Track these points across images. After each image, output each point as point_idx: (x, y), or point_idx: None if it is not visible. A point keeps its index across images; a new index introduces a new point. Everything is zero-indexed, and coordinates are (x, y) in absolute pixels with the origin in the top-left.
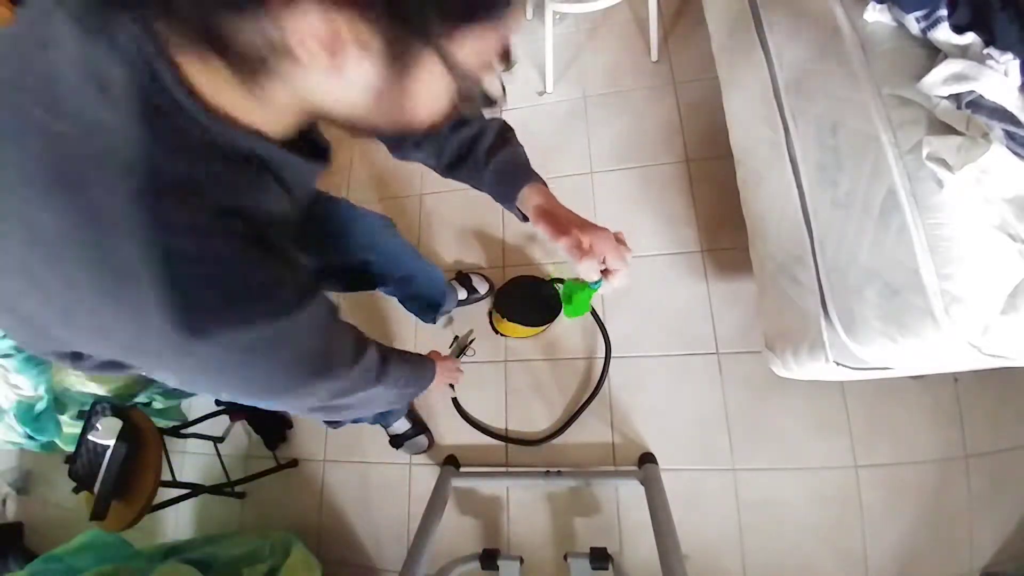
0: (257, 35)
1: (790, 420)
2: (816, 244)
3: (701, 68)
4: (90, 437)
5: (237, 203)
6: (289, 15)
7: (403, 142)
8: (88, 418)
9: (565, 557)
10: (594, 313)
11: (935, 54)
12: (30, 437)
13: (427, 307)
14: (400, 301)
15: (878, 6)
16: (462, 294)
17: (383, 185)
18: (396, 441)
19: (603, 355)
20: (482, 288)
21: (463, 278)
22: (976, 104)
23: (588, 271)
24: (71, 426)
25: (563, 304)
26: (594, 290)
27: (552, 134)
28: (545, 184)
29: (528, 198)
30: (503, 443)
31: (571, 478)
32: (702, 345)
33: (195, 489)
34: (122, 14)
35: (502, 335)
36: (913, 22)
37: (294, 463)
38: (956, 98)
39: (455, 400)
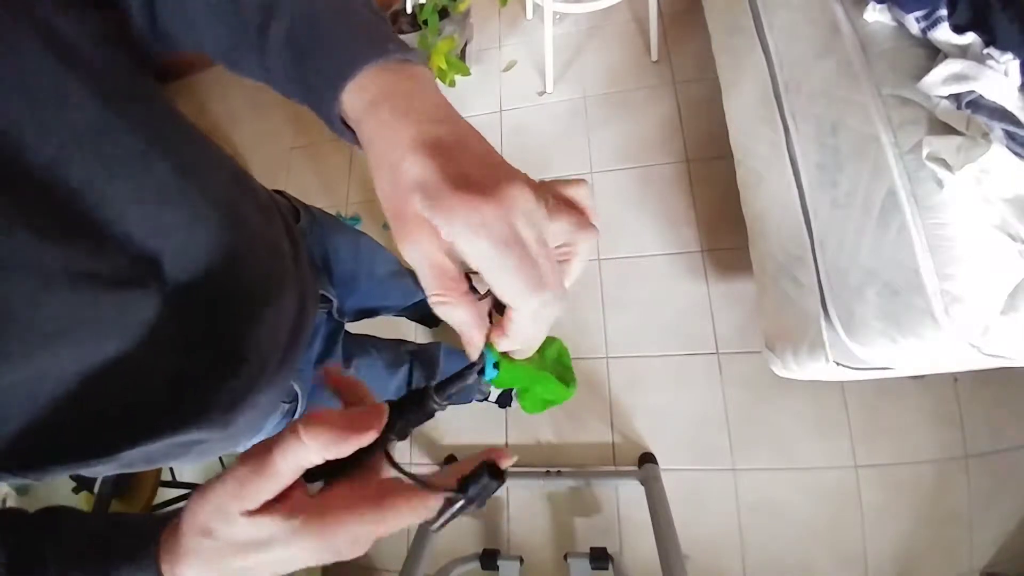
0: None
1: (790, 420)
2: (816, 244)
3: (701, 68)
4: None
5: None
6: None
7: None
8: None
9: (565, 557)
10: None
11: (935, 54)
12: None
13: (425, 317)
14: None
15: (878, 6)
16: None
17: None
18: None
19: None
20: (482, 288)
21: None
22: (976, 104)
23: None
24: None
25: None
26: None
27: (552, 134)
28: (415, 64)
29: (364, 111)
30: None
31: (571, 478)
32: (702, 345)
33: (195, 489)
34: None
35: None
36: (913, 22)
37: None
38: (956, 98)
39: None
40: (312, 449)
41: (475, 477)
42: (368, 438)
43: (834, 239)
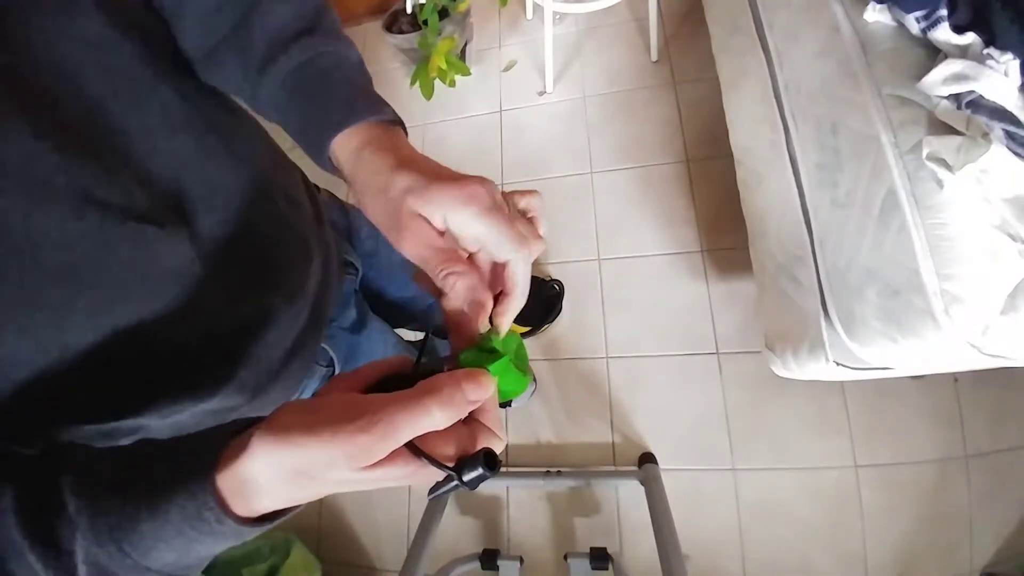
0: None
1: (790, 420)
2: (816, 244)
3: (701, 68)
4: None
5: None
6: None
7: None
8: None
9: (565, 557)
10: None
11: (935, 54)
12: None
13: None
14: None
15: (878, 6)
16: None
17: None
18: None
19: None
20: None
21: None
22: (976, 104)
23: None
24: None
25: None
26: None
27: (552, 134)
28: (396, 124)
29: (353, 156)
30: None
31: (571, 478)
32: (702, 345)
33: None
34: None
35: None
36: (913, 22)
37: None
38: (956, 98)
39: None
40: (438, 424)
41: (472, 462)
42: (475, 406)
43: (834, 239)
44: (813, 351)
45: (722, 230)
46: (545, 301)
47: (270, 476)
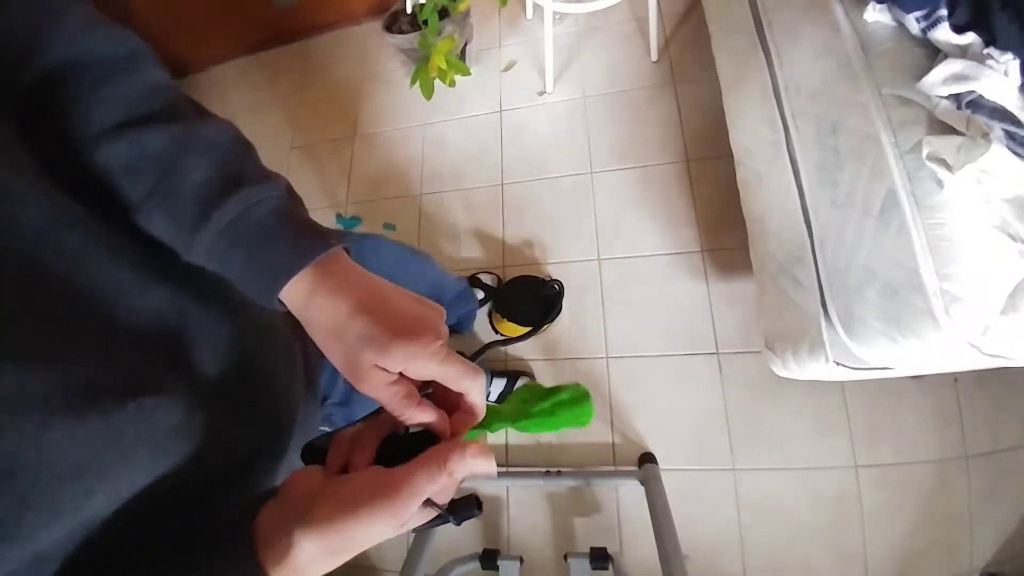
0: None
1: (790, 420)
2: (816, 244)
3: (701, 68)
4: None
5: None
6: None
7: None
8: None
9: (565, 557)
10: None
11: (935, 54)
12: None
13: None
14: None
15: (878, 6)
16: (480, 294)
17: (383, 185)
18: None
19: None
20: (490, 280)
21: (473, 281)
22: (976, 104)
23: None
24: None
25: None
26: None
27: (552, 134)
28: (335, 253)
29: (307, 303)
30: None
31: (571, 478)
32: (702, 345)
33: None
34: None
35: (502, 335)
36: (913, 22)
37: None
38: (956, 98)
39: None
40: (455, 481)
41: (464, 504)
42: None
43: (834, 239)
44: (813, 351)
45: (722, 230)
46: (545, 301)
47: (319, 560)
